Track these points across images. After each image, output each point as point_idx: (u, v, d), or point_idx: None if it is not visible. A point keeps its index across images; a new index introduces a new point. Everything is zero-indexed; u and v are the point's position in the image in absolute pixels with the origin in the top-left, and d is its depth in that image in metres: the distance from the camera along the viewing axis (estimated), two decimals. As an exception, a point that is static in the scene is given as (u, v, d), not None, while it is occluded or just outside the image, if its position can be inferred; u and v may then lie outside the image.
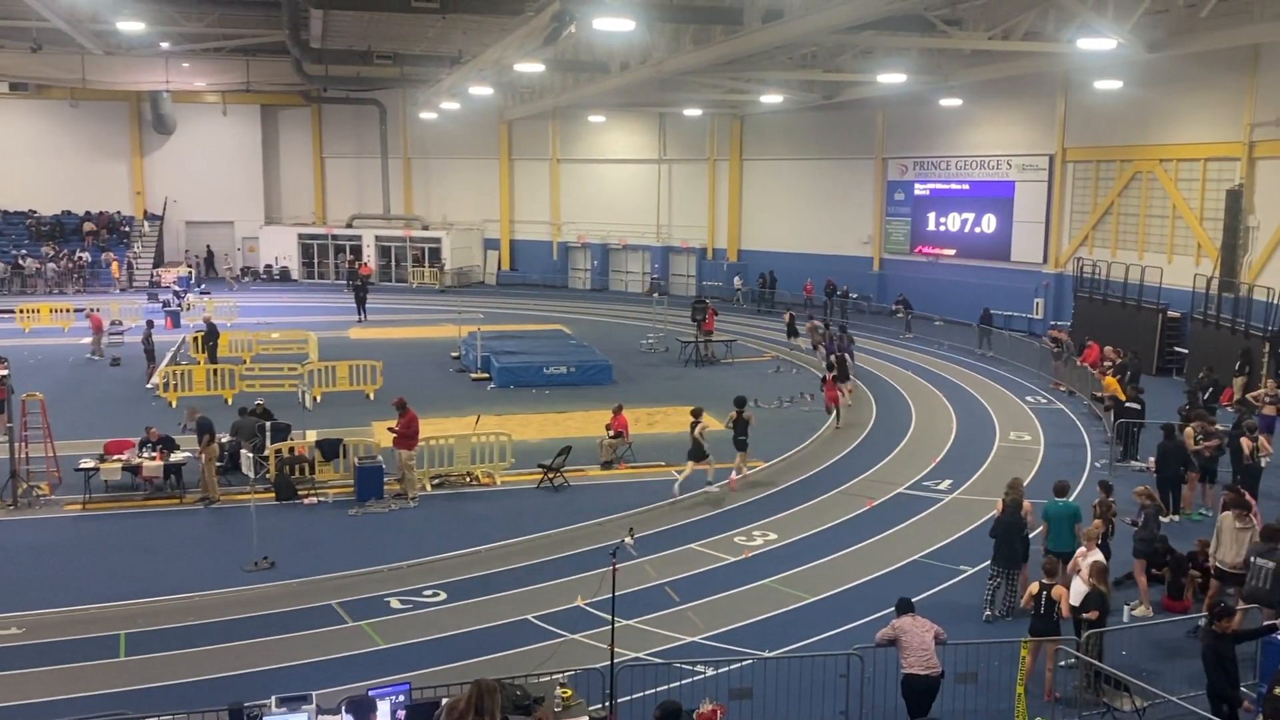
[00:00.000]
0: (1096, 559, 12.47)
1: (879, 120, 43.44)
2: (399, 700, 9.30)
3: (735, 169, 48.95)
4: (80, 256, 49.24)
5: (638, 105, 44.70)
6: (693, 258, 50.28)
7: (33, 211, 52.13)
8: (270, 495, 18.58)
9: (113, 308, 37.48)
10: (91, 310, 34.28)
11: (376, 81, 48.44)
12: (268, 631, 13.43)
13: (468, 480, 20.08)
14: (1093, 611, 11.73)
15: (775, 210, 47.83)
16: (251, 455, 17.67)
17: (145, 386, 27.78)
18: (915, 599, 11.82)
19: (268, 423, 20.58)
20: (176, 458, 18.91)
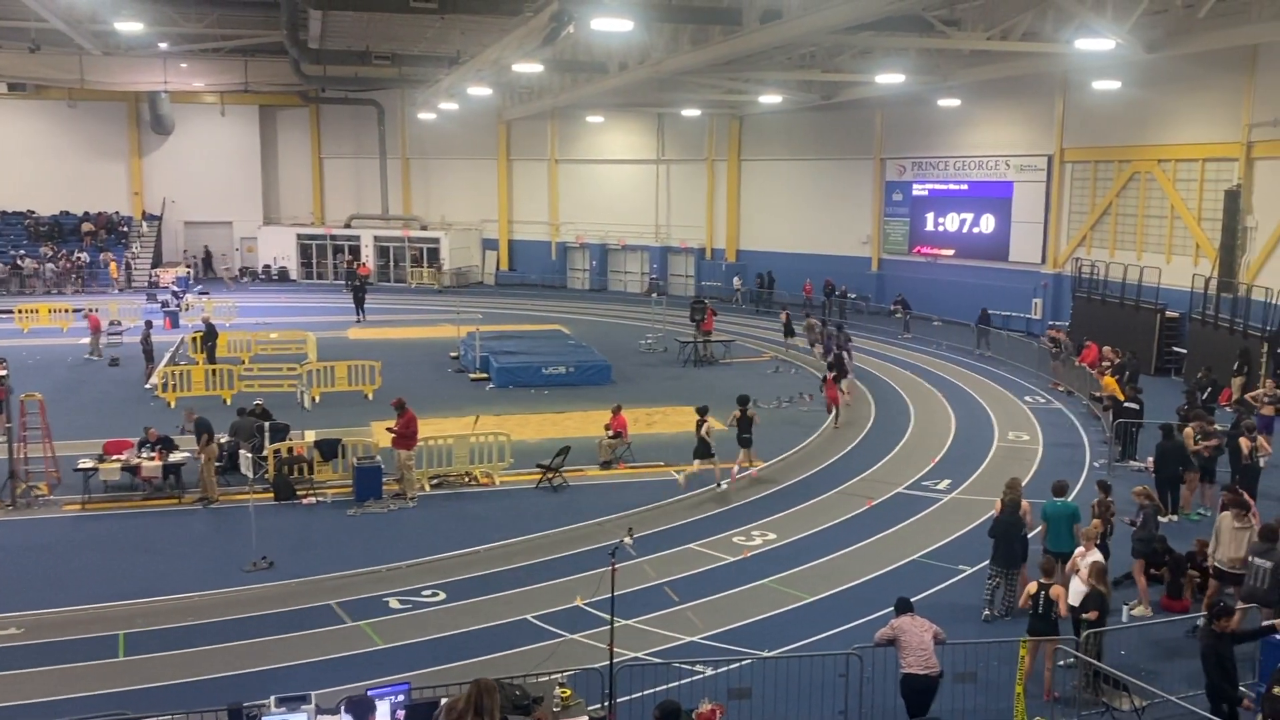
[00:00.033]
0: (1095, 559, 12.47)
1: (877, 120, 43.46)
2: (398, 700, 9.29)
3: (734, 169, 48.95)
4: (78, 257, 49.25)
5: (636, 105, 44.70)
6: (691, 258, 50.27)
7: (31, 212, 52.12)
8: (269, 495, 18.57)
9: (111, 308, 37.47)
10: (90, 310, 34.29)
11: (375, 82, 48.43)
12: (267, 632, 13.43)
13: (466, 480, 20.08)
14: (1092, 612, 11.75)
15: (774, 210, 47.83)
16: (250, 455, 17.70)
17: (144, 387, 27.77)
18: (914, 599, 11.84)
19: (266, 423, 20.60)
20: (175, 458, 18.91)
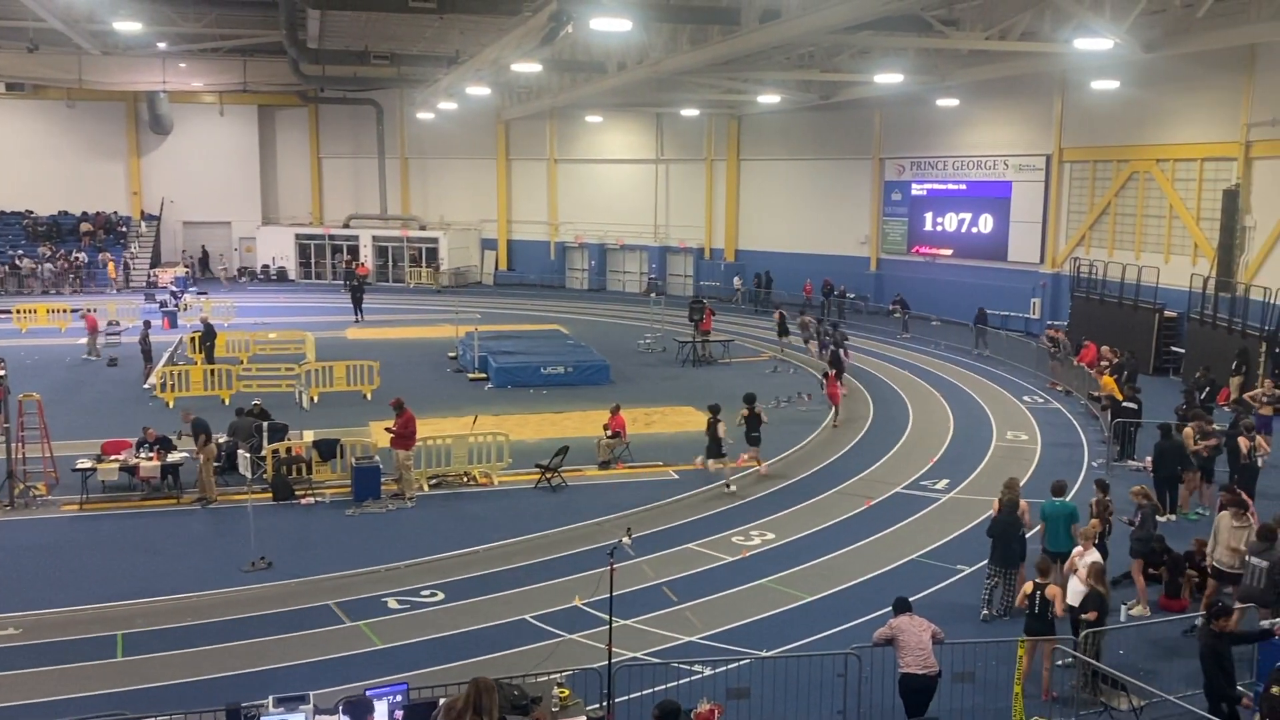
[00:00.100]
0: (1094, 559, 12.47)
1: (876, 120, 43.46)
2: (396, 700, 9.28)
3: (732, 169, 48.95)
4: (76, 257, 49.22)
5: (635, 105, 44.70)
6: (690, 258, 50.26)
7: (29, 212, 52.09)
8: (267, 495, 18.56)
9: (110, 308, 37.49)
10: (87, 311, 34.27)
11: (374, 81, 48.42)
12: (265, 632, 13.42)
13: (465, 480, 20.07)
14: (1091, 612, 11.75)
15: (772, 210, 47.83)
16: (248, 455, 17.67)
17: (142, 387, 27.75)
18: (913, 598, 11.85)
19: (265, 423, 20.55)
20: (174, 458, 18.91)
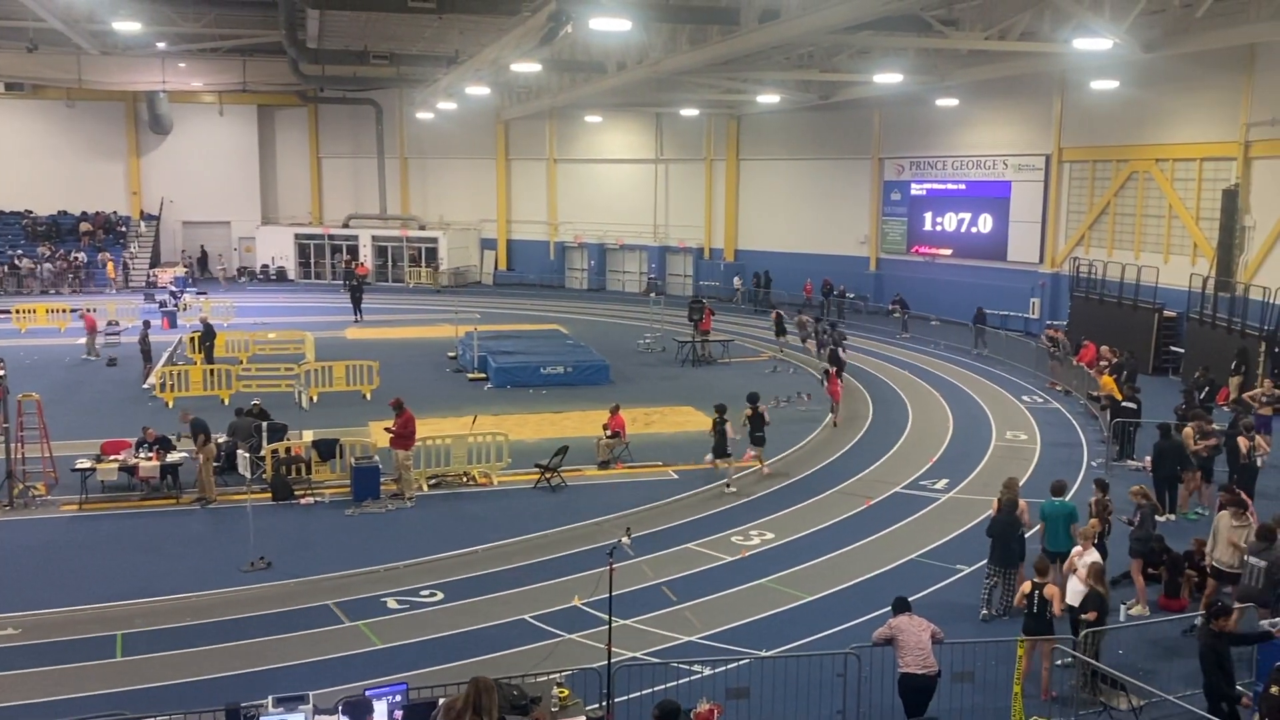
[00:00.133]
0: (1093, 559, 12.47)
1: (875, 120, 43.46)
2: (396, 700, 9.28)
3: (732, 169, 48.94)
4: (76, 257, 49.20)
5: (634, 105, 44.69)
6: (689, 258, 50.26)
7: (29, 212, 52.07)
8: (267, 495, 18.55)
9: (109, 308, 37.48)
10: (85, 311, 34.26)
11: (373, 81, 48.42)
12: (264, 632, 13.42)
13: (464, 480, 20.07)
14: (1092, 613, 11.75)
15: (772, 210, 47.83)
16: (248, 455, 17.66)
17: (142, 387, 27.75)
18: (912, 598, 11.84)
19: (264, 423, 20.53)
20: (173, 458, 18.90)
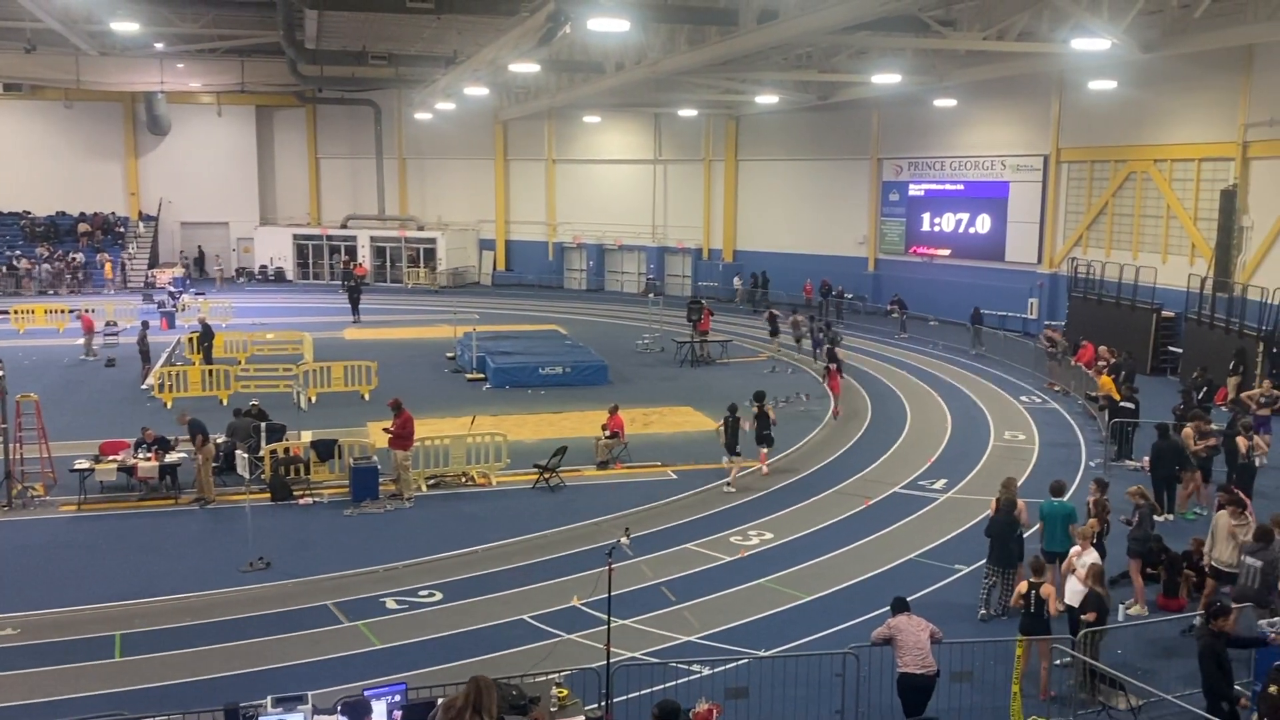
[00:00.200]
0: (1093, 560, 12.47)
1: (874, 121, 43.49)
2: (395, 701, 9.26)
3: (730, 169, 48.96)
4: (74, 257, 49.16)
5: (633, 106, 44.71)
6: (688, 258, 50.28)
7: (27, 212, 52.05)
8: (265, 496, 18.55)
9: (107, 309, 37.45)
10: (83, 311, 34.24)
11: (371, 82, 48.40)
12: (263, 632, 13.41)
13: (463, 481, 20.06)
14: (1091, 614, 11.76)
15: (770, 211, 47.85)
16: (246, 456, 17.65)
17: (140, 387, 27.74)
18: (911, 598, 11.83)
19: (263, 423, 20.54)
20: (172, 458, 18.89)
